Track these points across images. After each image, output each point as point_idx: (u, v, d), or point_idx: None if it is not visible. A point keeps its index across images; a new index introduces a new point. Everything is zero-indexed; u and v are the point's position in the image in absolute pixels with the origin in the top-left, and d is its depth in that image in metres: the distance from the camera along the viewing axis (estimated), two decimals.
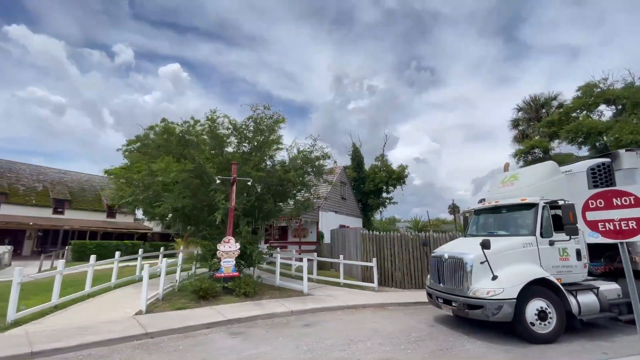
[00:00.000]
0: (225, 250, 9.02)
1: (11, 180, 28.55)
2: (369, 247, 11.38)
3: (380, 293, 9.88)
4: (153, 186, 9.65)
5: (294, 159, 10.34)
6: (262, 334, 6.03)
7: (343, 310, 8.00)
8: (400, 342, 5.50)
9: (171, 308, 7.49)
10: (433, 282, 6.80)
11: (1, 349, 4.71)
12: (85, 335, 5.44)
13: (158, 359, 4.78)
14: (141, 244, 24.84)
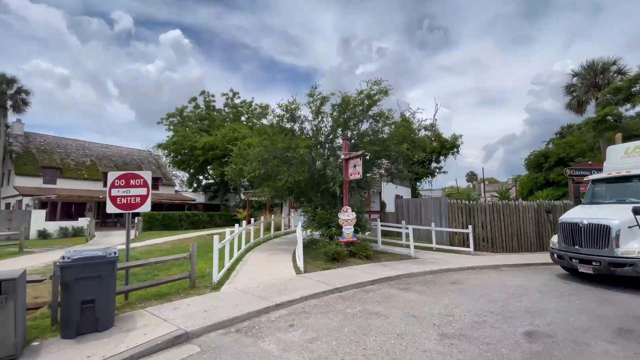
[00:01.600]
0: (344, 219, 9.90)
1: (62, 155, 29.61)
2: (457, 215, 12.19)
3: (478, 257, 10.81)
4: (271, 161, 10.37)
5: (393, 133, 10.82)
6: (425, 290, 6.93)
7: (466, 270, 8.93)
8: (556, 295, 6.36)
9: (320, 268, 8.47)
10: (566, 245, 7.59)
11: (244, 306, 5.66)
12: (289, 291, 6.39)
13: (363, 307, 5.69)
14: (193, 214, 26.18)
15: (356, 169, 9.39)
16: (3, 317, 3.57)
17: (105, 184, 25.90)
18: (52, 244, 15.74)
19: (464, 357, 3.77)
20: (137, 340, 3.98)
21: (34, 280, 4.43)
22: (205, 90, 35.23)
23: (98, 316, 4.26)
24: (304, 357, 3.77)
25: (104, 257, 4.26)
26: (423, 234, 13.56)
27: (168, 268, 7.99)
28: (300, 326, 4.75)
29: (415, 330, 4.59)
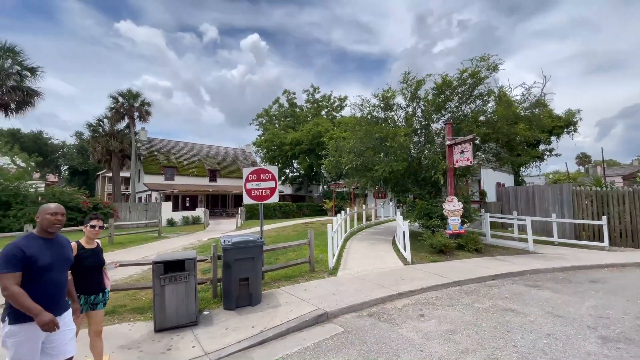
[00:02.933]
0: (450, 209, 9.40)
1: (176, 156, 34.67)
2: (585, 204, 10.49)
3: (616, 253, 9.16)
4: (366, 152, 10.44)
5: (504, 112, 9.72)
6: (561, 288, 6.17)
7: (605, 268, 7.67)
8: None
9: (427, 260, 8.26)
10: None
11: (367, 292, 5.87)
12: (405, 281, 6.39)
13: (493, 303, 5.31)
14: (285, 204, 28.03)
15: (464, 155, 8.79)
16: (187, 289, 4.38)
17: (210, 179, 29.49)
18: (179, 230, 18.74)
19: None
20: (288, 316, 4.48)
21: (200, 259, 5.34)
22: (287, 89, 37.29)
23: (251, 292, 4.92)
24: (449, 347, 3.74)
25: (255, 241, 4.89)
26: (537, 226, 12.11)
27: (284, 253, 8.75)
28: (431, 317, 4.72)
29: (567, 331, 4.14)
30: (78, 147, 46.25)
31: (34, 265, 2.26)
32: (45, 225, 2.42)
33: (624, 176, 37.08)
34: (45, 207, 2.48)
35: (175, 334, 4.09)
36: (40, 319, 2.17)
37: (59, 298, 2.45)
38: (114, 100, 27.52)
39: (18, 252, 2.23)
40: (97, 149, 28.16)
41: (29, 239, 2.36)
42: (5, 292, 2.14)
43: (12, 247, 2.25)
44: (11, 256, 2.20)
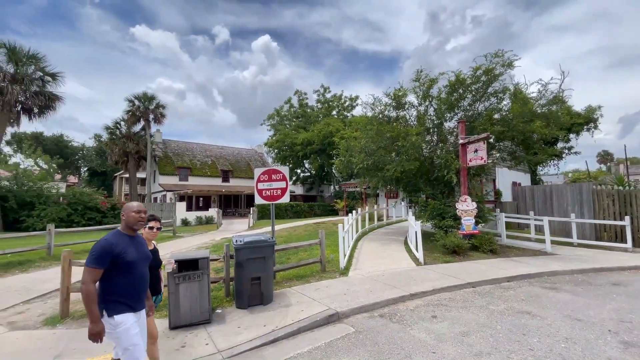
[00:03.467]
0: (463, 209, 9.25)
1: (190, 157, 35.29)
2: (607, 204, 10.13)
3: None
4: (378, 152, 10.37)
5: (519, 109, 9.46)
6: (580, 291, 5.98)
7: (628, 270, 7.38)
8: None
9: (440, 260, 8.15)
10: None
11: (378, 292, 5.83)
12: (417, 281, 6.32)
13: (509, 305, 5.19)
14: (296, 204, 28.14)
15: (478, 154, 8.63)
16: (201, 288, 4.46)
17: (223, 180, 29.92)
18: (193, 230, 19.08)
19: None
20: (299, 316, 4.50)
21: (213, 259, 5.42)
22: (298, 90, 37.53)
23: (263, 291, 4.97)
24: (463, 350, 3.68)
25: (266, 241, 4.94)
26: (555, 227, 11.76)
27: (296, 252, 8.79)
28: (444, 318, 4.65)
29: (587, 335, 4.01)
30: (97, 149, 47.64)
31: (123, 260, 2.36)
32: (131, 222, 2.51)
33: None
34: (130, 205, 2.56)
35: (189, 332, 4.17)
36: (93, 327, 2.23)
37: (144, 293, 2.58)
38: (130, 103, 28.24)
39: (109, 248, 2.31)
40: (114, 151, 28.96)
41: (117, 236, 2.45)
42: (83, 285, 2.22)
43: (105, 243, 2.33)
44: (103, 253, 2.28)
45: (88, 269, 2.25)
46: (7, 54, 17.24)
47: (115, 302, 2.34)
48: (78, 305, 5.36)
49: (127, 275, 2.39)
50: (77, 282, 6.65)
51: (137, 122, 29.29)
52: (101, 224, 17.83)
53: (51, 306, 5.38)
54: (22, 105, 18.71)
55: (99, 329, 2.24)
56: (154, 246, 3.34)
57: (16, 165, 26.13)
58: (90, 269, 2.25)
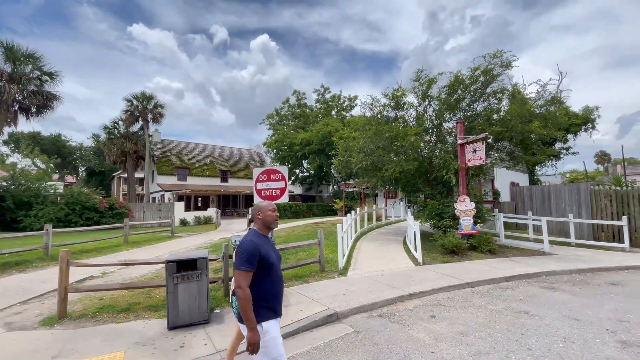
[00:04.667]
0: (462, 209, 9.26)
1: (189, 157, 35.21)
2: (604, 204, 10.18)
3: (638, 254, 8.85)
4: (376, 152, 10.38)
5: (517, 110, 9.48)
6: (578, 291, 5.99)
7: (626, 270, 7.41)
8: None
9: (439, 261, 8.16)
10: None
11: (377, 292, 5.83)
12: (415, 281, 6.33)
13: (507, 305, 5.20)
14: (295, 204, 28.13)
15: (476, 154, 8.64)
16: (200, 288, 4.45)
17: (222, 180, 29.85)
18: (191, 230, 19.03)
19: None
20: (298, 316, 4.49)
21: (212, 259, 5.41)
22: (297, 90, 37.51)
23: None
24: (462, 350, 3.68)
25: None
26: (554, 227, 11.81)
27: (295, 252, 8.79)
28: (442, 318, 4.66)
29: (585, 335, 4.02)
30: (94, 149, 47.50)
31: (267, 262, 2.25)
32: (269, 221, 2.42)
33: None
34: (265, 204, 2.47)
35: (188, 332, 4.16)
36: (253, 335, 2.11)
37: (282, 296, 2.47)
38: (128, 103, 28.14)
39: (256, 249, 2.20)
40: (112, 151, 28.85)
41: (257, 236, 2.34)
42: (239, 289, 2.11)
43: (251, 244, 2.23)
44: (252, 255, 2.17)
45: (241, 272, 2.14)
46: (5, 52, 17.13)
47: (262, 307, 2.20)
48: (76, 305, 5.35)
49: (270, 277, 2.27)
50: (74, 282, 6.63)
51: (136, 122, 29.19)
52: (99, 224, 17.76)
53: (49, 306, 5.35)
54: (20, 104, 18.60)
55: (258, 337, 2.12)
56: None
57: (13, 165, 26.03)
58: (244, 272, 2.14)
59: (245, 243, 2.24)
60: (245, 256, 2.16)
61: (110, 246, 11.72)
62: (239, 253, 2.20)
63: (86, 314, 4.93)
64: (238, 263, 2.17)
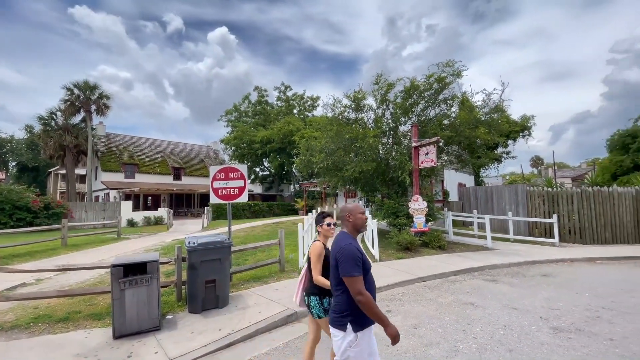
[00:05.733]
0: (415, 208, 9.74)
1: (138, 153, 32.91)
2: (538, 204, 11.33)
3: (565, 248, 9.97)
4: (337, 152, 10.54)
5: (466, 117, 10.23)
6: (516, 282, 6.60)
7: (556, 263, 8.31)
8: None
9: (394, 257, 8.50)
10: None
11: None
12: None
13: (456, 297, 5.59)
14: (255, 204, 27.61)
15: (429, 157, 9.15)
16: (150, 293, 4.17)
17: (174, 178, 28.29)
18: (140, 231, 17.78)
19: (589, 352, 3.58)
20: (257, 317, 4.40)
21: (163, 262, 5.10)
22: (258, 86, 36.75)
23: (218, 294, 4.79)
24: (415, 341, 3.87)
25: (222, 242, 4.76)
26: (496, 224, 12.88)
27: (254, 253, 8.60)
28: (397, 312, 4.86)
29: (522, 322, 4.44)
30: (28, 142, 42.52)
31: (366, 265, 2.14)
32: (359, 225, 2.31)
33: (573, 178, 40.54)
34: (354, 207, 2.35)
35: (136, 340, 3.88)
36: (391, 330, 2.01)
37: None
38: (68, 92, 25.54)
39: (359, 253, 2.10)
40: (49, 144, 26.02)
41: (353, 240, 2.20)
42: (360, 296, 1.98)
43: (353, 248, 2.10)
44: (358, 259, 2.07)
45: (355, 279, 2.01)
46: None
47: (360, 316, 2.08)
48: (7, 315, 4.76)
49: (367, 281, 2.15)
50: (4, 290, 5.87)
51: (77, 113, 26.61)
52: (32, 225, 15.90)
53: None
54: None
55: (396, 328, 2.03)
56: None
57: None
58: (357, 278, 2.02)
59: (349, 248, 2.12)
60: (353, 262, 2.06)
61: (46, 250, 10.59)
62: (346, 259, 2.07)
63: (19, 325, 4.40)
64: (349, 269, 2.04)
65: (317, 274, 2.64)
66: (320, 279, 2.62)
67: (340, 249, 2.12)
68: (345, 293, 2.11)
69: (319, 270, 2.65)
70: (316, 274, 2.64)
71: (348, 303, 2.11)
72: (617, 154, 22.68)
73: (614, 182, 19.43)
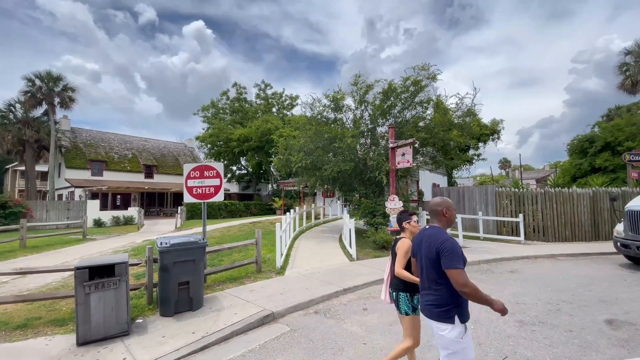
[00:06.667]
0: (392, 207, 9.89)
1: (106, 149, 31.38)
2: (505, 204, 11.89)
3: (530, 246, 10.52)
4: (316, 152, 10.54)
5: (440, 119, 10.57)
6: (485, 278, 6.88)
7: (522, 260, 8.74)
8: (624, 284, 6.17)
9: (371, 256, 8.62)
10: (632, 234, 7.29)
11: (314, 289, 5.92)
12: (350, 277, 6.58)
13: None
14: (231, 203, 27.10)
15: (405, 157, 9.35)
16: (118, 296, 3.98)
17: (146, 176, 27.21)
18: (108, 231, 16.95)
19: (551, 343, 3.80)
20: (232, 319, 4.31)
21: (133, 263, 4.87)
22: (237, 83, 35.96)
23: (192, 296, 4.64)
24: (390, 338, 3.94)
25: (196, 242, 4.62)
26: (467, 223, 13.34)
27: (230, 254, 8.43)
28: (373, 310, 4.93)
29: (490, 317, 4.62)
30: None
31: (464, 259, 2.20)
32: (453, 220, 2.39)
33: (537, 179, 42.98)
34: (448, 201, 2.41)
35: (102, 347, 3.69)
36: (498, 305, 2.09)
37: None
38: (29, 82, 23.88)
39: (459, 247, 2.16)
40: (6, 138, 24.26)
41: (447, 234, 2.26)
42: (467, 288, 2.03)
43: (455, 242, 2.16)
44: (460, 253, 2.13)
45: (461, 271, 2.07)
46: None
47: (464, 307, 2.17)
48: None
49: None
50: None
51: (38, 106, 24.94)
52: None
53: None
54: None
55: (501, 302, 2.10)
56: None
57: None
58: (462, 271, 2.07)
59: (451, 241, 2.16)
60: (456, 255, 2.11)
61: (2, 252, 9.88)
62: (451, 253, 2.11)
63: None
64: (455, 262, 2.09)
65: (400, 267, 2.80)
66: (404, 272, 2.77)
67: (443, 243, 2.16)
68: (446, 286, 2.16)
69: (403, 265, 2.80)
70: (399, 267, 2.80)
71: (451, 296, 2.16)
72: (577, 158, 24.25)
73: (574, 184, 20.79)
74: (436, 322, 2.20)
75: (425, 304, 2.31)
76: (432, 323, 2.24)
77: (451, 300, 2.16)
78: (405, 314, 2.81)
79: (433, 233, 2.30)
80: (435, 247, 2.18)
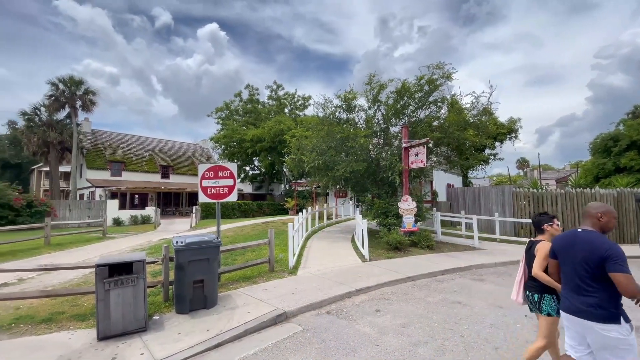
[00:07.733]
0: (405, 208, 9.84)
1: (125, 150, 32.28)
2: (523, 204, 11.58)
3: None
4: (328, 152, 10.55)
5: (455, 118, 10.39)
6: (502, 281, 6.72)
7: None
8: None
9: (384, 257, 8.56)
10: None
11: (326, 290, 5.93)
12: (362, 277, 6.56)
13: (443, 296, 5.68)
14: (244, 203, 27.41)
15: (418, 157, 9.24)
16: (136, 293, 4.10)
17: (162, 176, 27.84)
18: (126, 230, 17.45)
19: None
20: (245, 318, 4.37)
21: (150, 262, 5.01)
22: (249, 84, 36.43)
23: (206, 294, 4.73)
24: (403, 341, 3.91)
25: (211, 242, 4.70)
26: (482, 224, 13.09)
27: (243, 253, 8.53)
28: (386, 311, 4.90)
29: (507, 320, 4.53)
30: (10, 138, 41.19)
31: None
32: (609, 228, 2.43)
33: (557, 179, 41.61)
34: (612, 209, 2.46)
35: (121, 342, 3.80)
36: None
37: None
38: (53, 87, 24.86)
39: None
40: (32, 140, 25.32)
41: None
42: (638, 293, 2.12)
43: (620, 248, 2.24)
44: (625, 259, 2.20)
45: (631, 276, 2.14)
46: None
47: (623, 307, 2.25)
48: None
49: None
50: None
51: (62, 109, 25.92)
52: (14, 223, 15.43)
53: None
54: None
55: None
56: None
57: None
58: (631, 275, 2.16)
59: (617, 247, 2.25)
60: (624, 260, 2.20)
61: (29, 249, 10.30)
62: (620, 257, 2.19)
63: (0, 326, 4.26)
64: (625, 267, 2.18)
65: (539, 268, 2.83)
66: (544, 274, 2.81)
67: (610, 247, 2.23)
68: (605, 289, 2.24)
69: (543, 266, 2.83)
70: (538, 269, 2.84)
71: (613, 297, 2.24)
72: (600, 157, 23.36)
73: (597, 184, 20.03)
74: (600, 324, 2.24)
75: (584, 306, 2.34)
76: (592, 325, 2.27)
77: (613, 302, 2.24)
78: (547, 315, 2.89)
79: (592, 238, 2.36)
80: (600, 252, 2.24)
